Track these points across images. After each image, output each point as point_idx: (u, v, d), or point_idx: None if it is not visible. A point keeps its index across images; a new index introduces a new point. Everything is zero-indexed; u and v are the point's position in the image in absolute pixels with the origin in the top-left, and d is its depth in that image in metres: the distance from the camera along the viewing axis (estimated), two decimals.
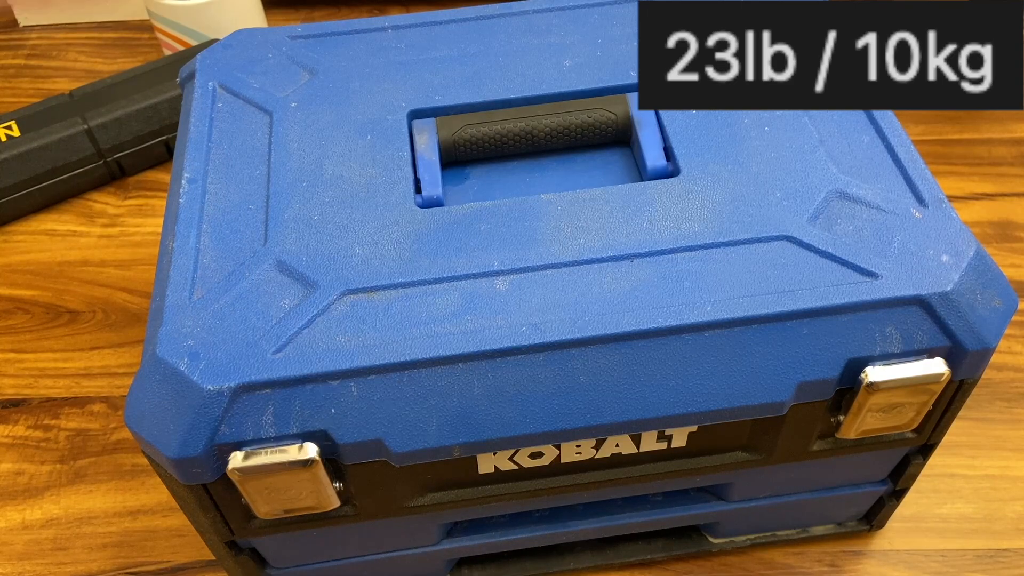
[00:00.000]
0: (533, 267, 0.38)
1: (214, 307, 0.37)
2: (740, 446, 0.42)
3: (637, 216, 0.40)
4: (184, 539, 0.54)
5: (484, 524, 0.47)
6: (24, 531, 0.55)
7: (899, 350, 0.37)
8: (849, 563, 0.51)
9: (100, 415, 0.60)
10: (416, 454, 0.37)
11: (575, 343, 0.36)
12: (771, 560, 0.52)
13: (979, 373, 0.39)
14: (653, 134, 0.44)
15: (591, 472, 0.42)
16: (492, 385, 0.36)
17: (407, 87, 0.47)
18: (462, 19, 0.50)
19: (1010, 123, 0.74)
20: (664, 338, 0.36)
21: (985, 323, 0.37)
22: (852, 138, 0.43)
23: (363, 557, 0.46)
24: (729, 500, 0.47)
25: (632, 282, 0.38)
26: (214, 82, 0.47)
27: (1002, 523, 0.53)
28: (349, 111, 0.46)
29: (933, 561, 0.51)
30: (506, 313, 0.37)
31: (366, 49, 0.49)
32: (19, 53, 0.86)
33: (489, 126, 0.44)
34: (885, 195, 0.40)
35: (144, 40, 0.87)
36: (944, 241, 0.38)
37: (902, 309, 0.37)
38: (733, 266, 0.38)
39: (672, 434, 0.40)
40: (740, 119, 0.44)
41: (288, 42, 0.49)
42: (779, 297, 0.37)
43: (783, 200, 0.40)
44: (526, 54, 0.48)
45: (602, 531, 0.48)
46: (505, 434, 0.37)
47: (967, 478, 0.54)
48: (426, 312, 0.37)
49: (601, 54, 0.48)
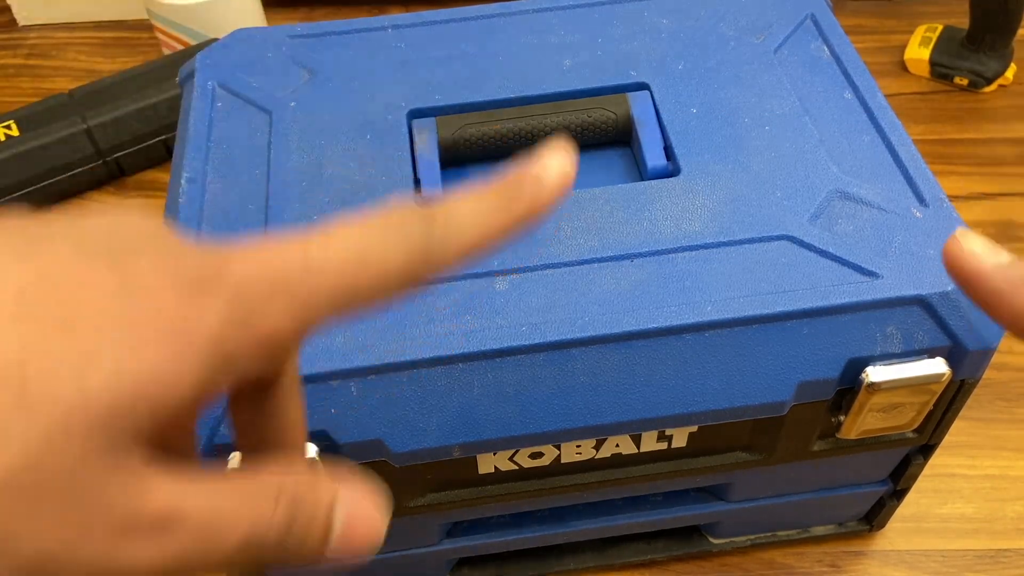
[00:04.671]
0: (533, 267, 0.38)
1: None
2: (740, 446, 0.42)
3: (637, 216, 0.40)
4: None
5: (484, 524, 0.47)
6: None
7: (900, 350, 0.37)
8: (850, 563, 0.51)
9: None
10: (416, 454, 0.37)
11: (575, 343, 0.36)
12: (771, 560, 0.52)
13: (980, 373, 0.39)
14: (653, 133, 0.44)
15: (591, 472, 0.42)
16: (492, 385, 0.36)
17: (407, 86, 0.46)
18: (462, 18, 0.50)
19: (1012, 122, 0.74)
20: (664, 338, 0.36)
21: (986, 323, 0.37)
22: (853, 138, 0.43)
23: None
24: (729, 500, 0.47)
25: (632, 282, 0.38)
26: (213, 82, 0.47)
27: (1002, 523, 0.53)
28: (349, 111, 0.45)
29: (933, 561, 0.51)
30: (506, 313, 0.37)
31: (366, 48, 0.49)
32: (18, 52, 0.86)
33: (489, 126, 0.44)
34: (886, 195, 0.40)
35: (144, 39, 0.86)
36: (945, 241, 0.38)
37: (903, 309, 0.37)
38: (733, 266, 0.38)
39: (672, 434, 0.40)
40: (741, 118, 0.44)
41: (288, 41, 0.49)
42: (780, 297, 0.37)
43: (784, 200, 0.40)
44: (526, 53, 0.48)
45: (602, 531, 0.48)
46: (505, 434, 0.37)
47: (968, 478, 0.54)
48: (426, 312, 0.37)
49: (601, 53, 0.48)
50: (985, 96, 0.76)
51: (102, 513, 0.16)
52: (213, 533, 0.18)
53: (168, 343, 0.17)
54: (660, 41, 0.48)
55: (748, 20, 0.49)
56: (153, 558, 0.17)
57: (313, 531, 0.20)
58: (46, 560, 0.16)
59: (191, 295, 0.18)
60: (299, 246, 0.19)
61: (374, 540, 0.21)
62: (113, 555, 0.17)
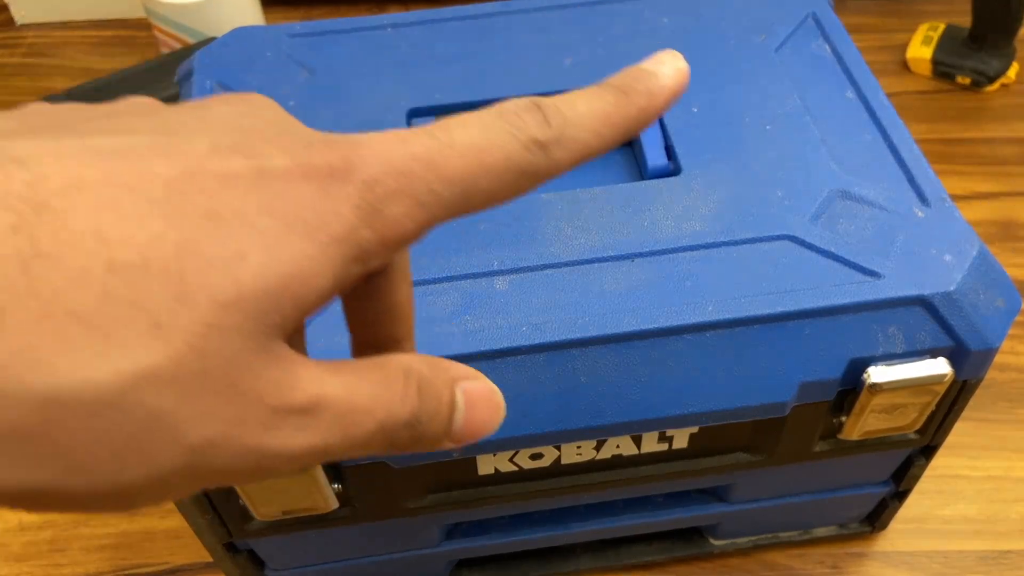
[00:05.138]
0: (533, 267, 0.38)
1: None
2: (742, 447, 0.42)
3: (638, 215, 0.40)
4: (182, 541, 0.53)
5: (484, 526, 0.47)
6: (21, 532, 0.54)
7: (902, 350, 0.37)
8: (851, 565, 0.51)
9: None
10: (415, 455, 0.37)
11: (575, 343, 0.36)
12: (772, 562, 0.51)
13: (982, 373, 0.39)
14: (654, 132, 0.43)
15: (592, 473, 0.42)
16: None
17: (407, 85, 0.46)
18: (462, 17, 0.50)
19: (1014, 122, 0.74)
20: (665, 338, 0.36)
21: (988, 323, 0.37)
22: (854, 137, 0.43)
23: (362, 559, 0.46)
24: (730, 501, 0.47)
25: (633, 282, 0.37)
26: (212, 80, 0.47)
27: (1005, 524, 0.52)
28: (348, 110, 0.45)
29: (935, 563, 0.51)
30: (506, 313, 0.37)
31: (365, 47, 0.49)
32: (16, 51, 0.86)
33: None
34: (888, 194, 0.40)
35: (142, 38, 0.86)
36: (947, 240, 0.38)
37: (905, 309, 0.37)
38: (734, 266, 0.38)
39: (673, 435, 0.40)
40: (742, 118, 0.44)
41: (287, 40, 0.49)
42: (781, 297, 0.37)
43: (785, 199, 0.40)
44: (527, 52, 0.48)
45: (603, 533, 0.48)
46: (505, 435, 0.36)
47: (970, 479, 0.54)
48: (426, 312, 0.37)
49: (602, 52, 0.47)
50: (987, 95, 0.76)
51: (257, 401, 0.17)
52: (353, 418, 0.19)
53: (310, 236, 0.17)
54: (661, 40, 0.48)
55: (749, 19, 0.49)
56: (301, 445, 0.18)
57: (441, 411, 0.21)
58: (207, 447, 0.17)
59: (325, 186, 0.18)
60: (422, 140, 0.19)
61: (496, 418, 0.22)
62: (266, 442, 0.17)
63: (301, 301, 0.17)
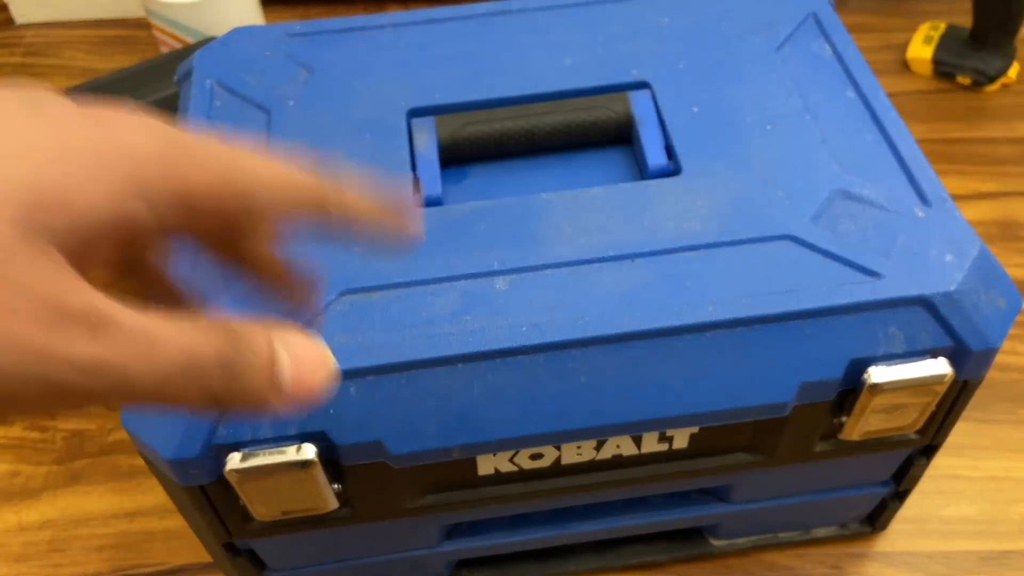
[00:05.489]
0: (533, 267, 0.38)
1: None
2: (742, 447, 0.42)
3: (638, 215, 0.40)
4: (181, 541, 0.53)
5: (484, 526, 0.47)
6: (21, 533, 0.54)
7: (902, 350, 0.37)
8: (851, 565, 0.51)
9: (97, 416, 0.59)
10: (415, 455, 0.36)
11: (575, 343, 0.36)
12: (773, 562, 0.51)
13: (983, 373, 0.39)
14: (654, 132, 0.43)
15: (592, 474, 0.42)
16: (492, 386, 0.36)
17: (406, 85, 0.46)
18: (462, 16, 0.50)
19: (1015, 122, 0.74)
20: (665, 338, 0.36)
21: (989, 323, 0.37)
22: (855, 137, 0.43)
23: (362, 559, 0.46)
24: (731, 502, 0.46)
25: (633, 282, 0.37)
26: (212, 80, 0.47)
27: (1006, 525, 0.52)
28: (348, 109, 0.45)
29: (936, 563, 0.51)
30: (506, 313, 0.37)
31: (365, 47, 0.49)
32: (15, 51, 0.86)
33: (489, 125, 0.44)
34: (888, 194, 0.40)
35: (141, 38, 0.86)
36: (948, 240, 0.38)
37: (905, 309, 0.37)
38: (735, 266, 0.38)
39: (673, 435, 0.40)
40: (742, 117, 0.44)
41: (286, 40, 0.49)
42: (781, 297, 0.36)
43: (785, 199, 0.40)
44: (526, 52, 0.48)
45: (603, 533, 0.48)
46: (505, 435, 0.36)
47: (971, 479, 0.54)
48: (426, 312, 0.37)
49: (602, 52, 0.47)
50: (988, 95, 0.76)
51: (27, 290, 0.18)
52: (151, 344, 0.20)
53: (79, 160, 0.20)
54: (661, 39, 0.48)
55: (750, 18, 0.49)
56: (90, 354, 0.19)
57: (257, 361, 0.21)
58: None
59: (96, 124, 0.21)
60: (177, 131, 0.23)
61: (325, 377, 0.22)
62: (49, 342, 0.18)
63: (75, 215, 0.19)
